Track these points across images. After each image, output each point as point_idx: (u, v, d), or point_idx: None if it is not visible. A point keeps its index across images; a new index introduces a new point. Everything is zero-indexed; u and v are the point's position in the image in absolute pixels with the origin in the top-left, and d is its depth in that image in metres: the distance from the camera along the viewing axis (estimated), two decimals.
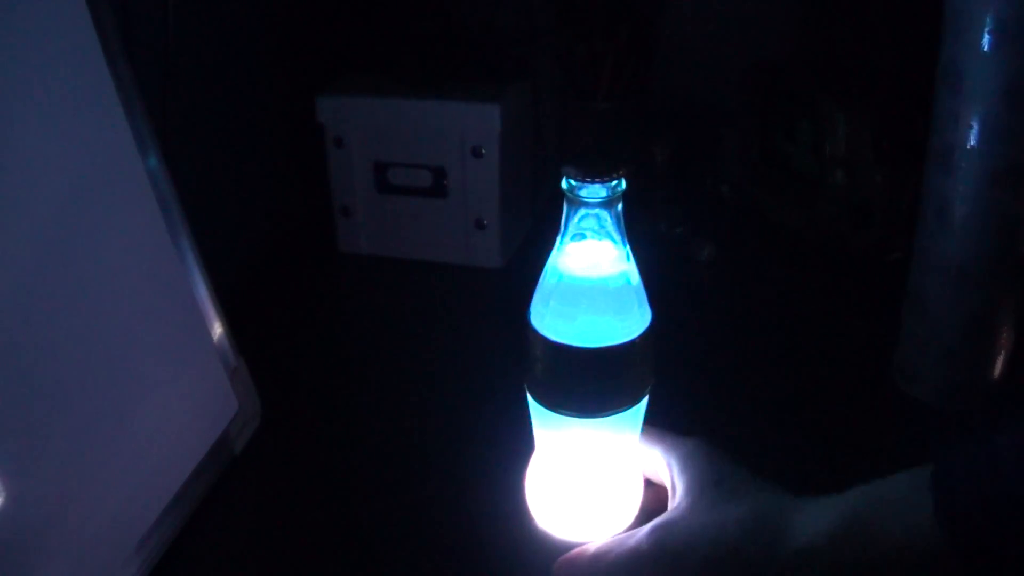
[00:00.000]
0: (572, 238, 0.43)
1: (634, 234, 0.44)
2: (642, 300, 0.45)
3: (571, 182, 0.42)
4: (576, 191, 0.42)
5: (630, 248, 0.44)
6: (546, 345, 0.44)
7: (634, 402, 0.45)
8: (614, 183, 0.42)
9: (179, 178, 0.60)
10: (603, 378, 0.44)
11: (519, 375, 0.47)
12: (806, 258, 0.87)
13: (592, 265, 0.43)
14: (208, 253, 0.62)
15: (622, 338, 0.43)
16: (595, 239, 0.43)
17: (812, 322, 0.78)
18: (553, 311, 0.44)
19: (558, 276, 0.44)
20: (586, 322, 0.43)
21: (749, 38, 0.96)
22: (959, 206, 0.60)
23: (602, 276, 0.43)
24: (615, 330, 0.43)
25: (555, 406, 0.45)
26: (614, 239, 0.43)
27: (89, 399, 0.50)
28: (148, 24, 0.68)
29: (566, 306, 0.43)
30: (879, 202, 0.83)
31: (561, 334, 0.43)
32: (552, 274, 0.44)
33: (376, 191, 0.87)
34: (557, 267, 0.44)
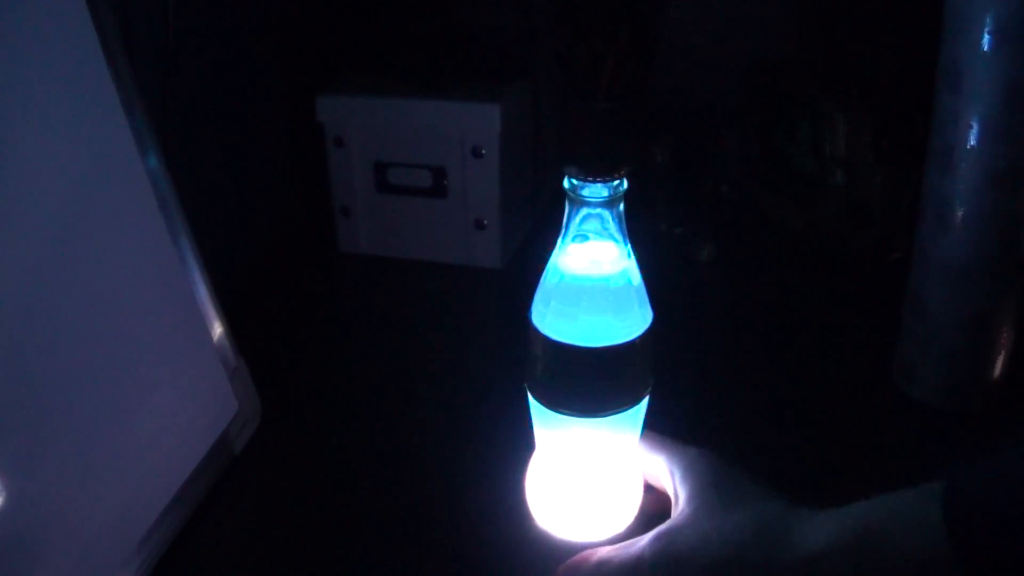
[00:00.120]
0: (574, 238, 0.43)
1: (634, 234, 0.44)
2: (643, 300, 0.45)
3: (573, 181, 0.42)
4: (578, 190, 0.42)
5: (631, 247, 0.44)
6: (547, 344, 0.44)
7: (634, 402, 0.45)
8: (616, 183, 0.42)
9: (179, 178, 0.60)
10: (604, 378, 0.44)
11: (519, 375, 0.47)
12: (806, 258, 0.87)
13: (593, 264, 0.43)
14: (208, 253, 0.61)
15: (623, 338, 0.43)
16: (596, 239, 0.43)
17: (812, 322, 0.78)
18: (554, 310, 0.44)
19: (559, 275, 0.44)
20: (587, 322, 0.43)
21: (749, 38, 0.96)
22: (959, 206, 0.60)
23: (603, 276, 0.44)
24: (616, 330, 0.43)
25: (555, 406, 0.45)
26: (615, 239, 0.43)
27: (89, 399, 0.50)
28: (148, 24, 0.68)
29: (567, 305, 0.43)
30: (879, 202, 0.83)
31: (562, 333, 0.43)
32: (553, 273, 0.44)
33: (376, 191, 0.87)
34: (558, 266, 0.44)
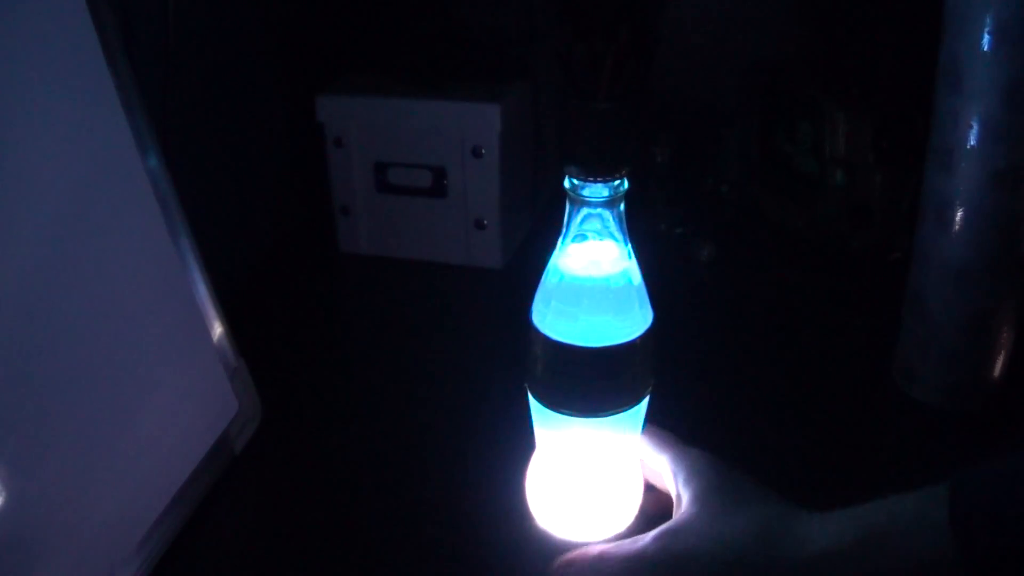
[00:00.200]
0: (574, 238, 0.43)
1: (634, 234, 0.44)
2: (643, 300, 0.45)
3: (574, 181, 0.42)
4: (579, 190, 0.42)
5: (631, 247, 0.44)
6: (547, 344, 0.44)
7: (635, 402, 0.45)
8: (616, 183, 0.42)
9: (179, 178, 0.60)
10: (604, 378, 0.44)
11: (519, 375, 0.47)
12: (806, 258, 0.87)
13: (594, 264, 0.43)
14: (208, 253, 0.61)
15: (623, 338, 0.43)
16: (597, 239, 0.43)
17: (812, 322, 0.78)
18: (555, 310, 0.44)
19: (560, 275, 0.44)
20: (587, 322, 0.43)
21: (749, 38, 0.96)
22: (959, 206, 0.60)
23: (604, 276, 0.44)
24: (616, 330, 0.43)
25: (556, 406, 0.45)
26: (616, 238, 0.43)
27: (89, 399, 0.50)
28: (148, 24, 0.68)
29: (568, 305, 0.43)
30: (879, 202, 0.83)
31: (562, 333, 0.43)
32: (554, 273, 0.44)
33: (376, 191, 0.87)
34: (559, 266, 0.44)
